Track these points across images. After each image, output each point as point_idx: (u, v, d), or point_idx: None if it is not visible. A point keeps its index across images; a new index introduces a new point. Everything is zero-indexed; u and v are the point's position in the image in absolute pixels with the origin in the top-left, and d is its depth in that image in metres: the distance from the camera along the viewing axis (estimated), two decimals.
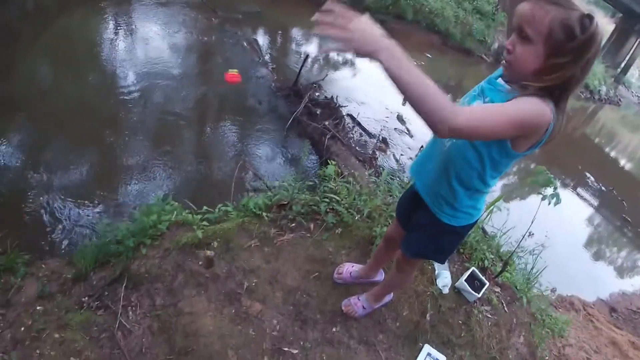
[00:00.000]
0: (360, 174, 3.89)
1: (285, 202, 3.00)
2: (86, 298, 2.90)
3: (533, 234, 3.69)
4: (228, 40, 7.39)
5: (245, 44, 7.45)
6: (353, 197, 3.13)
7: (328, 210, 3.00)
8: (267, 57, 7.39)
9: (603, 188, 9.58)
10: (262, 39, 8.24)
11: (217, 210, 2.99)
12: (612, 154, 14.87)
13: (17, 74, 5.31)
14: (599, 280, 6.17)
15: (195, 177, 4.39)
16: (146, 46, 6.49)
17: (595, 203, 8.84)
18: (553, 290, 5.11)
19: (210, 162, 4.59)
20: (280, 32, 9.15)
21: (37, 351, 2.52)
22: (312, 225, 2.94)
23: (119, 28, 6.81)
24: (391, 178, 3.69)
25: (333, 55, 8.75)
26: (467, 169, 1.58)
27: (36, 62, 5.73)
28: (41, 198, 3.88)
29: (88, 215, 3.78)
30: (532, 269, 4.06)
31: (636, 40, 21.50)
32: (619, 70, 21.62)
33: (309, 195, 3.11)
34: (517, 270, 3.79)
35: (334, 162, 3.66)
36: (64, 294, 2.96)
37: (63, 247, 3.50)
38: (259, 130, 5.30)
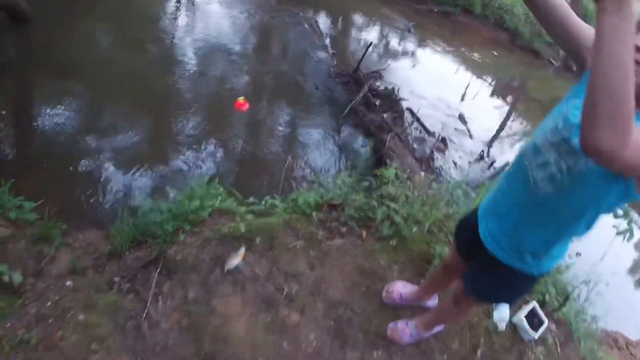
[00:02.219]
0: (420, 178, 3.54)
1: (338, 203, 2.71)
2: (118, 278, 2.74)
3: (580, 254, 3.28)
4: (289, 20, 7.14)
5: (306, 25, 7.17)
6: (412, 206, 2.78)
7: (384, 218, 2.67)
8: (327, 41, 7.07)
9: None
10: (323, 21, 7.93)
11: (264, 202, 2.74)
12: None
13: (75, 39, 5.33)
14: None
15: (243, 160, 4.20)
16: (205, 21, 6.37)
17: None
18: (596, 322, 4.68)
19: (259, 145, 4.38)
20: (342, 16, 8.81)
21: (60, 332, 2.37)
22: (364, 233, 2.64)
23: (180, 1, 6.70)
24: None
25: (394, 43, 8.33)
26: (572, 213, 1.24)
27: (95, 29, 5.72)
28: (87, 166, 3.80)
29: (132, 188, 3.67)
30: (584, 300, 3.66)
31: None
32: None
33: (364, 198, 2.80)
34: (571, 301, 3.39)
35: (393, 165, 3.31)
36: (96, 271, 2.83)
37: (103, 218, 3.39)
38: (313, 115, 5.03)
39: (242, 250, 2.40)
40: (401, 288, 2.42)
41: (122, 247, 2.77)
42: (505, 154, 6.01)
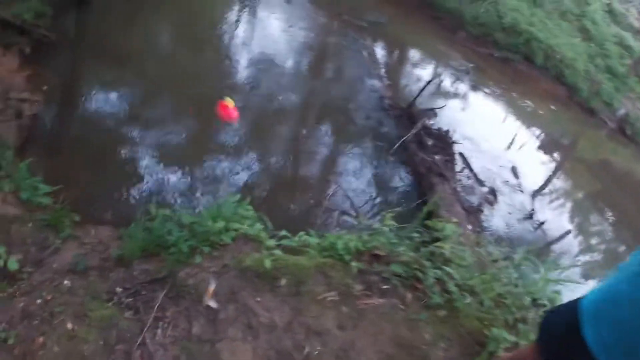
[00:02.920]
0: (474, 236, 3.11)
1: (383, 254, 2.32)
2: (120, 289, 2.42)
3: None
4: (347, 44, 6.93)
5: (364, 52, 6.94)
6: (468, 272, 2.36)
7: (435, 282, 2.25)
8: (382, 71, 6.82)
9: None
10: (380, 51, 7.72)
11: (297, 238, 2.37)
12: None
13: (134, 29, 5.27)
14: None
15: (278, 180, 3.91)
16: (264, 33, 6.24)
17: None
18: None
19: (298, 168, 4.10)
20: (400, 49, 8.58)
21: (42, 338, 2.05)
22: (409, 295, 2.23)
23: (242, 10, 6.62)
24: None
25: (450, 83, 8.05)
26: None
27: (155, 22, 5.69)
28: (117, 159, 3.61)
29: (159, 189, 3.43)
30: None
31: None
32: None
33: (411, 253, 2.39)
34: None
35: (443, 214, 2.90)
36: (100, 275, 2.52)
37: (121, 216, 3.12)
38: (359, 145, 4.70)
39: (212, 286, 2.04)
40: None
41: (132, 255, 2.47)
42: (546, 212, 5.56)
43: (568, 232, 5.42)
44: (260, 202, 3.01)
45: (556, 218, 5.68)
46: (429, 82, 5.43)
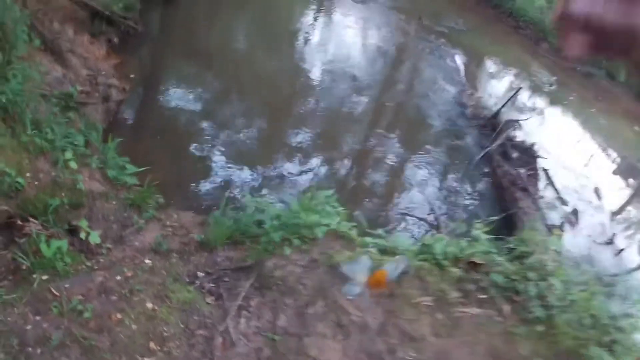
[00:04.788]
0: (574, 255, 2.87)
1: (481, 263, 2.15)
2: (202, 274, 2.39)
3: None
4: (428, 50, 6.78)
5: (445, 58, 6.77)
6: (569, 287, 2.14)
7: (537, 295, 2.06)
8: (464, 79, 6.60)
9: None
10: (461, 58, 7.50)
11: (392, 238, 2.25)
12: None
13: (217, 28, 5.41)
14: None
15: (347, 183, 3.86)
16: (341, 38, 6.19)
17: None
18: None
19: (374, 174, 4.01)
20: (481, 57, 8.33)
21: (119, 315, 2.02)
22: (507, 307, 2.05)
23: (319, 11, 6.63)
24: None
25: (534, 95, 7.72)
26: None
27: (238, 24, 5.81)
28: (199, 149, 3.66)
29: (236, 182, 3.44)
30: None
31: None
32: None
33: (509, 263, 2.20)
34: None
35: (557, 232, 2.68)
36: (181, 258, 2.50)
37: (202, 204, 3.13)
38: (438, 153, 4.53)
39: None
40: None
41: (216, 241, 2.43)
42: (624, 239, 5.14)
43: None
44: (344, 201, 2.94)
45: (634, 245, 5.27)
46: (516, 92, 5.20)
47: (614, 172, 7.16)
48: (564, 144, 6.16)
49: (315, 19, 6.47)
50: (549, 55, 9.44)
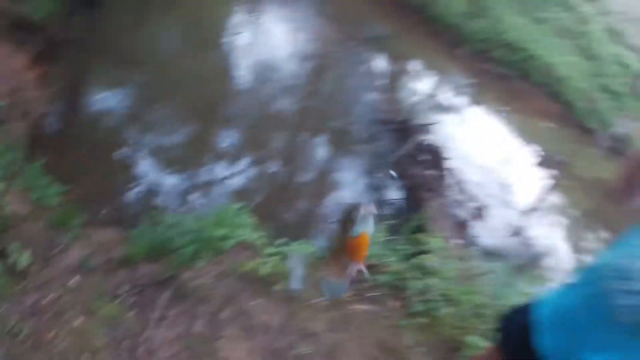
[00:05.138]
0: (461, 250, 3.30)
1: (374, 264, 2.50)
2: (126, 288, 2.59)
3: None
4: (348, 57, 7.10)
5: (364, 66, 7.12)
6: (452, 283, 2.55)
7: (418, 292, 2.45)
8: (381, 85, 7.00)
9: None
10: (381, 64, 7.89)
11: (294, 245, 2.55)
12: None
13: (142, 32, 5.42)
14: None
15: (274, 186, 4.05)
16: (267, 42, 6.35)
17: None
18: None
19: (294, 178, 4.23)
20: (401, 63, 8.76)
21: (53, 332, 2.22)
22: (395, 304, 2.42)
23: (247, 17, 6.73)
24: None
25: (447, 98, 8.22)
26: None
27: (163, 26, 5.80)
28: (123, 159, 3.75)
29: (162, 191, 3.58)
30: None
31: None
32: None
33: (398, 263, 2.58)
34: None
35: (435, 230, 3.09)
36: (106, 274, 2.68)
37: (126, 218, 3.27)
38: (353, 158, 4.86)
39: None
40: None
41: (137, 256, 2.63)
42: (536, 229, 5.73)
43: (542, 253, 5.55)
44: (257, 210, 3.17)
45: (547, 235, 5.85)
46: (423, 98, 5.60)
47: (529, 166, 7.86)
48: (477, 144, 6.67)
49: (243, 23, 6.60)
50: (465, 59, 10.07)
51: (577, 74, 11.70)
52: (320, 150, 4.83)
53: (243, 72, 5.46)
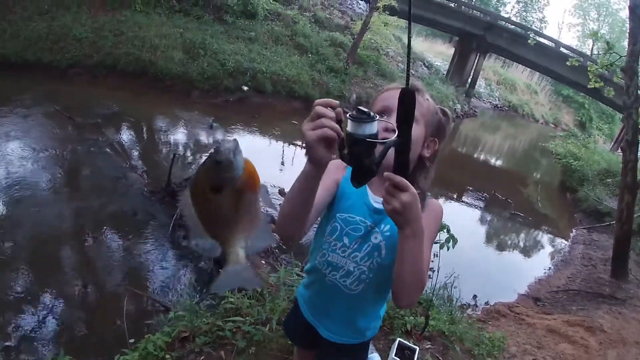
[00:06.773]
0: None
1: (187, 334, 2.81)
2: None
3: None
4: (90, 149, 6.96)
5: (108, 149, 7.09)
6: (257, 310, 3.04)
7: (234, 331, 2.87)
8: (134, 160, 7.10)
9: (486, 195, 10.88)
10: (126, 140, 7.93)
11: None
12: (482, 157, 17.14)
13: None
14: (512, 278, 6.70)
15: (86, 305, 3.91)
16: (6, 164, 5.89)
17: (486, 213, 9.88)
18: (475, 306, 5.32)
19: (98, 289, 4.12)
20: (144, 129, 8.83)
21: None
22: (222, 353, 2.77)
23: None
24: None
25: (201, 142, 8.71)
26: (389, 284, 1.29)
27: None
28: None
29: None
30: (451, 302, 4.22)
31: (476, 57, 24.36)
32: (467, 86, 24.68)
33: (211, 319, 2.95)
34: (438, 309, 3.80)
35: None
36: None
37: None
38: (142, 243, 4.96)
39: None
40: None
41: None
42: None
43: None
44: (73, 340, 3.12)
45: None
46: (173, 159, 5.77)
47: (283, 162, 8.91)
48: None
49: None
50: (201, 100, 10.75)
51: (301, 70, 13.55)
52: (112, 251, 4.76)
53: None
